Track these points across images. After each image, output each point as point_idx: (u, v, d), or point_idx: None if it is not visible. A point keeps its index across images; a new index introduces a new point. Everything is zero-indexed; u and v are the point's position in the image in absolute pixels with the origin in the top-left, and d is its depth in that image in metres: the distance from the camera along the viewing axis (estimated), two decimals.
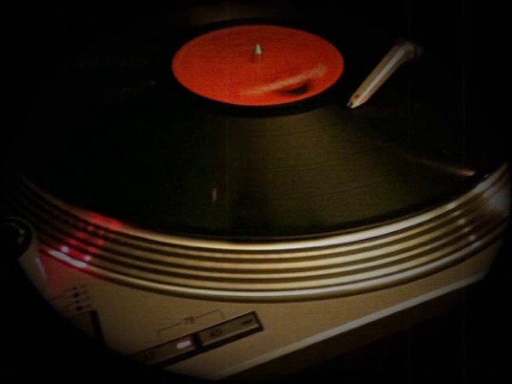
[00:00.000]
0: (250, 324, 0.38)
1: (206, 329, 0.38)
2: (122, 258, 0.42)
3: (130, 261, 0.42)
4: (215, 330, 0.38)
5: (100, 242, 0.43)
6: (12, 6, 0.56)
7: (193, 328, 0.38)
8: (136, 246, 0.42)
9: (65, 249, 0.43)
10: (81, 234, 0.43)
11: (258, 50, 0.61)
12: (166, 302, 0.39)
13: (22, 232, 0.39)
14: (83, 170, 0.47)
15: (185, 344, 0.37)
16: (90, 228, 0.43)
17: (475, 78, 0.52)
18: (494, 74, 0.51)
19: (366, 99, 0.54)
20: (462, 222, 0.44)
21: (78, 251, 0.42)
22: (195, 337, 0.37)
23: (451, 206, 0.44)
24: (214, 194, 0.45)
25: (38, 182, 0.46)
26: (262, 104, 0.54)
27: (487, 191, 0.46)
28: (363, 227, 0.42)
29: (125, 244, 0.42)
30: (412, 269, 0.41)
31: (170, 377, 0.35)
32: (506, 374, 0.40)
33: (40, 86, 0.55)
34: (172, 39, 0.65)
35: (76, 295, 0.40)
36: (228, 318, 0.38)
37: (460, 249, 0.43)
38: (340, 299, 0.40)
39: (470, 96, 0.54)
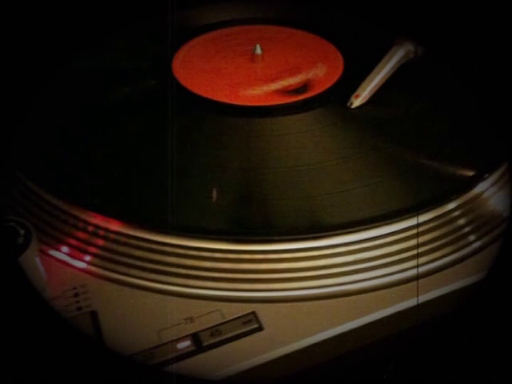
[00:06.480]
0: (250, 324, 0.38)
1: (205, 329, 0.38)
2: (122, 258, 0.42)
3: (130, 261, 0.42)
4: (215, 330, 0.38)
5: (100, 242, 0.43)
6: (12, 6, 0.56)
7: (193, 328, 0.38)
8: (136, 245, 0.42)
9: (65, 249, 0.43)
10: (81, 234, 0.43)
11: (258, 50, 0.61)
12: (166, 302, 0.39)
13: (22, 232, 0.39)
14: (83, 169, 0.47)
15: (185, 344, 0.37)
16: (90, 228, 0.43)
17: (475, 78, 0.52)
18: (494, 74, 0.51)
19: (366, 99, 0.54)
20: (462, 221, 0.44)
21: (78, 251, 0.42)
22: (195, 337, 0.37)
23: (451, 205, 0.44)
24: (214, 193, 0.45)
25: (38, 182, 0.46)
26: (262, 104, 0.54)
27: (487, 191, 0.46)
28: (363, 227, 0.42)
29: (125, 244, 0.42)
30: (412, 269, 0.41)
31: (170, 377, 0.35)
32: (506, 373, 0.40)
33: (40, 86, 0.55)
34: (172, 39, 0.65)
35: (76, 295, 0.40)
36: (228, 317, 0.38)
37: (460, 249, 0.43)
38: (340, 299, 0.40)
39: (470, 96, 0.54)
